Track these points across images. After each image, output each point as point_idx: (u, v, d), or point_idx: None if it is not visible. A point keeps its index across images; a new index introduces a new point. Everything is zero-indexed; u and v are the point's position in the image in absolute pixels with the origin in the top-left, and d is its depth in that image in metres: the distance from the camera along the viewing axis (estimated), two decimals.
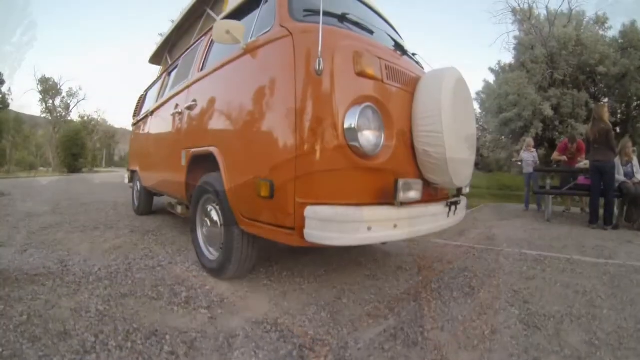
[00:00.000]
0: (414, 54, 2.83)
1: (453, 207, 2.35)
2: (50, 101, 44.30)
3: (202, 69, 3.06)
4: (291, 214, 1.74)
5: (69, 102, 45.46)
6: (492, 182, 24.52)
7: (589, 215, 5.90)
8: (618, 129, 14.85)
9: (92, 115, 49.55)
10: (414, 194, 1.89)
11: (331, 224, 1.61)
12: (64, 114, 45.12)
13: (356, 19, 2.19)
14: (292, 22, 2.02)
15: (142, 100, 5.86)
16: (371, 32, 2.30)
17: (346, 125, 1.76)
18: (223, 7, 3.33)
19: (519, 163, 8.29)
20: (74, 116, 47.33)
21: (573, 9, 14.89)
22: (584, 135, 12.04)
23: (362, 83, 1.88)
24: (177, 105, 3.37)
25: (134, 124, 5.86)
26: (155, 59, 5.82)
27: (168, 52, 5.35)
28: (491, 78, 18.87)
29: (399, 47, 2.45)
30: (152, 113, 4.50)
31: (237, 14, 2.73)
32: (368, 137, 1.83)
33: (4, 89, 44.89)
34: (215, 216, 2.52)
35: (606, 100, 15.40)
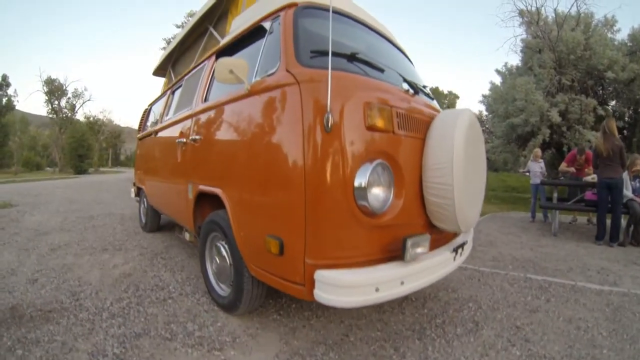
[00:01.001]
0: (424, 87, 2.82)
1: (460, 250, 2.37)
2: (56, 102, 44.62)
3: (205, 100, 3.03)
4: (301, 273, 1.77)
5: (74, 102, 45.85)
6: (498, 182, 24.59)
7: (595, 229, 5.92)
8: (625, 132, 14.76)
9: (97, 116, 49.99)
10: (421, 250, 1.91)
11: (341, 289, 1.64)
12: (69, 114, 45.41)
13: (366, 58, 2.17)
14: (298, 66, 1.96)
15: (146, 114, 5.88)
16: (382, 70, 2.28)
17: (356, 184, 1.76)
18: (226, 27, 3.35)
19: (527, 174, 8.25)
20: (80, 116, 47.67)
21: (581, 12, 14.75)
22: (591, 142, 12.09)
23: (372, 137, 1.85)
24: (181, 133, 3.37)
25: (139, 139, 5.91)
26: (159, 71, 5.89)
27: (171, 66, 5.41)
28: (497, 79, 18.84)
29: (410, 85, 2.41)
30: (156, 133, 4.52)
31: (241, 42, 2.70)
32: (377, 196, 1.84)
33: (10, 91, 45.49)
34: (224, 252, 2.54)
35: (613, 102, 15.30)
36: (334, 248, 1.77)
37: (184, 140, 3.22)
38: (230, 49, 2.81)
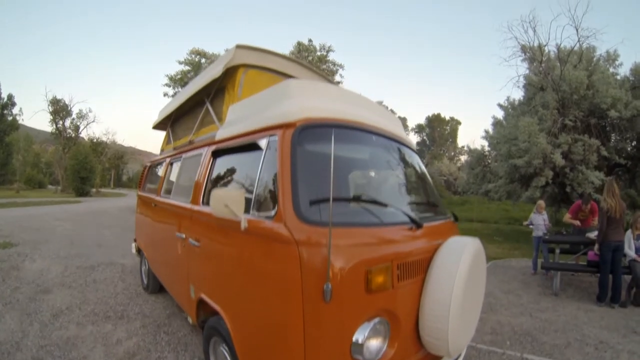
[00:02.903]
0: (430, 198, 2.81)
1: None
2: (60, 122, 45.03)
3: (203, 202, 2.94)
4: None
5: (78, 123, 46.26)
6: (500, 213, 24.65)
7: (596, 284, 5.93)
8: (629, 165, 14.60)
9: (101, 138, 50.32)
10: None
11: None
12: (73, 135, 45.79)
13: (368, 195, 2.19)
14: (296, 221, 1.88)
15: (146, 172, 5.93)
16: (386, 205, 2.30)
17: (353, 340, 1.80)
18: (223, 106, 3.36)
19: (530, 227, 8.23)
20: (84, 137, 48.01)
21: (584, 48, 14.78)
22: (594, 184, 12.06)
23: (372, 299, 1.86)
24: (180, 226, 3.33)
25: (139, 196, 5.87)
26: (159, 125, 5.92)
27: (170, 126, 5.49)
28: (500, 113, 18.86)
29: (413, 220, 2.29)
30: (156, 204, 4.47)
31: (238, 148, 2.65)
32: (372, 350, 1.89)
33: (15, 110, 46.12)
34: (229, 358, 2.50)
35: (615, 135, 15.18)
36: None
37: (184, 236, 3.18)
38: (227, 151, 2.80)
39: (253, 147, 2.40)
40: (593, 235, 6.31)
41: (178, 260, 3.37)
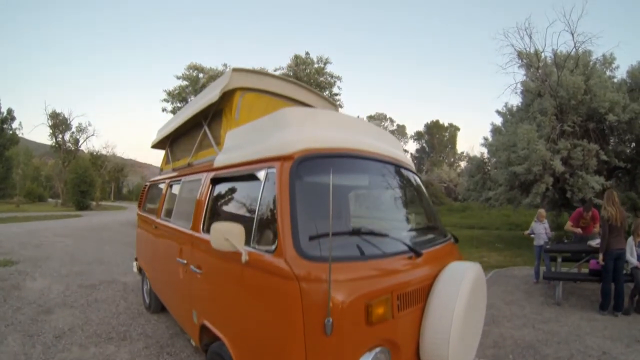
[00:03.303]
0: (430, 221, 2.81)
1: None
2: (60, 136, 45.15)
3: (203, 230, 2.92)
4: None
5: (78, 137, 46.37)
6: (501, 219, 24.58)
7: (598, 292, 5.92)
8: (628, 167, 14.56)
9: (101, 151, 50.36)
10: None
11: None
12: (73, 148, 45.88)
13: (368, 226, 2.19)
14: (297, 258, 1.89)
15: (146, 191, 5.94)
16: (386, 235, 2.32)
17: None
18: (220, 130, 3.37)
19: (532, 236, 8.21)
20: (83, 149, 48.06)
21: (579, 53, 14.76)
22: (595, 189, 12.03)
23: (372, 330, 1.87)
24: (181, 252, 3.32)
25: (139, 215, 5.86)
26: (158, 145, 5.94)
27: (169, 146, 5.52)
28: (498, 120, 18.83)
29: (413, 249, 2.29)
30: (156, 226, 4.49)
31: (237, 177, 2.67)
32: None
33: (15, 124, 46.17)
34: None
35: (613, 139, 15.17)
36: None
37: (185, 262, 3.17)
38: (226, 179, 2.82)
39: (252, 177, 2.40)
40: (595, 243, 6.29)
41: (180, 284, 3.36)
